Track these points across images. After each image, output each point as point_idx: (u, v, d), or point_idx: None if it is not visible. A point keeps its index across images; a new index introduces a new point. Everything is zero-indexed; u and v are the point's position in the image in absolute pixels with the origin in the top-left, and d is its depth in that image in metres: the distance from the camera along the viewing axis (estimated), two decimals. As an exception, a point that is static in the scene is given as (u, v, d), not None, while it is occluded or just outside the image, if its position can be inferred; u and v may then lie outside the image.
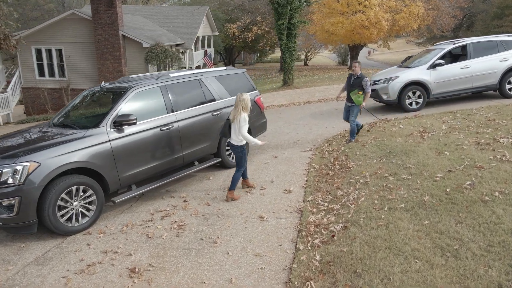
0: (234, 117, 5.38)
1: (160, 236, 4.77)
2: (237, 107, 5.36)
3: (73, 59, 21.00)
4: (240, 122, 5.34)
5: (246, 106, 5.36)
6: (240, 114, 5.33)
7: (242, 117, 5.33)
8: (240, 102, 5.34)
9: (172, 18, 28.16)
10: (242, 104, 5.33)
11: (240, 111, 5.33)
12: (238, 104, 5.35)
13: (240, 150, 5.51)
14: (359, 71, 7.52)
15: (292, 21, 19.61)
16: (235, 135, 5.47)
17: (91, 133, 5.07)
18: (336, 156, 7.03)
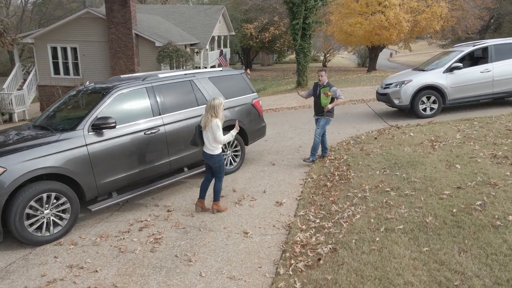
0: (205, 124, 4.92)
1: (133, 250, 4.39)
2: (207, 113, 4.90)
3: (87, 58, 21.07)
4: (213, 129, 4.84)
5: (217, 114, 4.87)
6: (211, 121, 4.88)
7: (213, 124, 4.83)
8: (210, 109, 4.87)
9: (188, 18, 28.02)
10: (213, 112, 4.86)
11: (211, 118, 4.89)
12: (209, 111, 4.88)
13: (217, 160, 5.03)
14: (326, 80, 6.66)
15: (307, 21, 19.08)
16: (209, 143, 4.98)
17: (66, 136, 4.75)
18: (337, 166, 6.51)
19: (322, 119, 6.71)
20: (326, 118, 6.71)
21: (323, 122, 6.70)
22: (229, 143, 6.62)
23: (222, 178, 5.16)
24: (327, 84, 6.58)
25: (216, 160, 5.03)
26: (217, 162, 5.03)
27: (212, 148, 4.97)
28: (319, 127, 6.69)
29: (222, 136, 4.91)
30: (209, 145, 4.97)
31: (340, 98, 6.67)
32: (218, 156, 5.03)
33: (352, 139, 8.02)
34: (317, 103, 6.70)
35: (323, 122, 6.70)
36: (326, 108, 6.54)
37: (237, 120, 5.58)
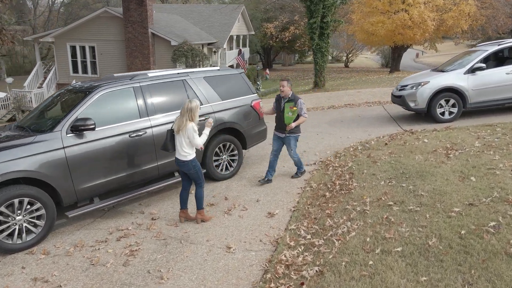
0: (179, 128, 4.52)
1: (105, 263, 4.07)
2: (182, 117, 4.51)
3: (104, 57, 21.20)
4: (189, 133, 4.45)
5: (193, 117, 4.49)
6: (186, 124, 4.48)
7: (189, 127, 4.44)
8: (186, 112, 4.48)
9: (206, 17, 27.87)
10: (189, 115, 4.47)
11: (186, 121, 4.49)
12: (185, 114, 4.49)
13: (191, 165, 4.62)
14: (289, 91, 5.61)
15: (325, 19, 18.47)
16: (181, 148, 4.57)
17: (41, 138, 4.48)
18: (340, 174, 6.01)
19: (291, 139, 5.81)
20: (294, 136, 5.83)
21: (293, 142, 5.84)
22: (225, 147, 6.23)
23: (203, 184, 4.76)
24: (292, 97, 5.61)
25: (191, 166, 4.62)
26: (192, 168, 4.63)
27: (184, 153, 4.57)
28: (292, 147, 5.84)
29: (199, 139, 4.55)
30: (182, 151, 4.57)
31: (303, 116, 5.66)
32: (192, 161, 4.62)
33: (361, 145, 7.47)
34: (281, 119, 5.76)
35: (293, 142, 5.83)
36: (289, 127, 5.60)
37: (209, 118, 5.15)
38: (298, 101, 5.56)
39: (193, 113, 4.45)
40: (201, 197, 4.75)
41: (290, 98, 5.61)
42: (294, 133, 5.81)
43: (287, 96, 5.64)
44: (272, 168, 5.96)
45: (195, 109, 4.46)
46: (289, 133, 5.76)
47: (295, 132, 5.80)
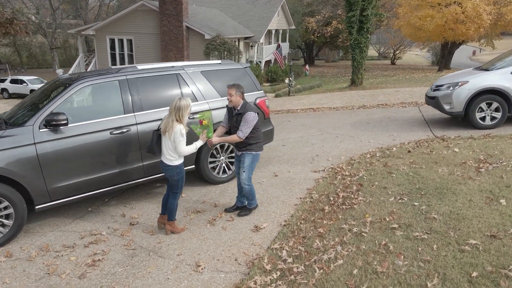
0: (165, 129, 4.05)
1: (61, 273, 3.71)
2: (170, 116, 4.01)
3: (141, 49, 21.45)
4: (175, 137, 3.96)
5: (181, 118, 3.97)
6: (173, 126, 3.97)
7: (176, 130, 3.94)
8: (174, 111, 3.97)
9: (245, 11, 27.45)
10: (177, 115, 3.96)
11: (173, 122, 3.98)
12: (172, 113, 3.99)
13: (175, 172, 4.14)
14: (239, 101, 4.30)
15: (364, 13, 17.37)
16: (167, 152, 4.10)
17: (11, 133, 4.21)
18: (347, 184, 5.28)
19: (244, 157, 4.47)
20: (250, 154, 4.47)
21: (248, 162, 4.45)
22: (223, 148, 5.72)
23: (178, 194, 4.27)
24: (242, 109, 4.29)
25: (175, 173, 4.14)
26: (175, 174, 4.15)
27: (170, 158, 4.10)
28: (245, 169, 4.45)
29: (185, 147, 4.04)
30: (168, 154, 4.11)
31: (238, 134, 4.28)
32: (178, 167, 4.15)
33: (380, 151, 6.64)
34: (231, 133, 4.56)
35: (248, 161, 4.45)
36: (210, 142, 4.34)
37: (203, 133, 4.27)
38: (246, 114, 4.22)
39: (181, 113, 3.94)
40: (174, 208, 4.27)
41: (238, 111, 4.31)
42: (251, 150, 4.42)
43: (237, 106, 4.36)
44: (241, 193, 4.77)
45: (184, 109, 3.95)
46: (245, 149, 4.45)
47: (252, 148, 4.42)
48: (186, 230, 4.44)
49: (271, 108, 13.52)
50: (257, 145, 4.50)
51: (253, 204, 4.75)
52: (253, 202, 4.74)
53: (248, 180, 4.53)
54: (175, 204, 4.25)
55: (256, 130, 4.40)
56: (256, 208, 4.80)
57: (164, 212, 4.44)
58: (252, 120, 4.27)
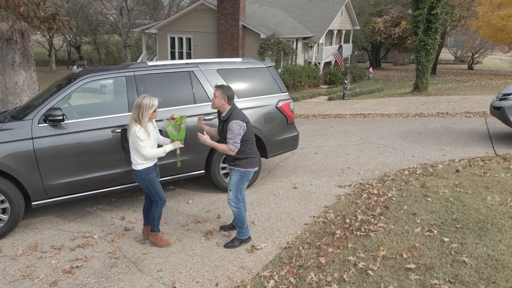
0: (128, 128, 3.63)
1: (34, 277, 3.52)
2: (131, 115, 3.60)
3: (199, 48, 21.77)
4: (132, 139, 3.54)
5: (141, 119, 3.51)
6: (131, 127, 3.55)
7: (132, 132, 3.52)
8: (134, 110, 3.55)
9: (307, 10, 26.70)
10: (136, 114, 3.53)
11: (132, 122, 3.57)
12: (133, 112, 3.57)
13: (140, 177, 3.68)
14: (223, 105, 3.65)
15: (433, 11, 15.80)
16: (131, 155, 3.65)
17: (9, 126, 4.14)
18: (371, 205, 4.53)
19: (231, 173, 3.83)
20: (238, 171, 3.77)
21: (235, 180, 3.79)
22: (237, 154, 5.24)
23: (160, 202, 3.82)
24: (227, 115, 3.64)
25: (139, 178, 3.68)
26: (141, 180, 3.69)
27: (133, 161, 3.66)
28: (231, 187, 3.80)
29: (147, 149, 3.56)
30: (132, 157, 3.67)
31: (229, 147, 3.61)
32: (143, 172, 3.66)
33: (422, 168, 5.71)
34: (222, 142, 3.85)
35: (235, 178, 3.79)
36: (175, 145, 3.76)
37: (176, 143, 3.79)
38: (232, 123, 3.57)
39: (141, 113, 3.51)
40: (155, 218, 3.87)
41: (223, 118, 3.68)
42: (238, 166, 3.74)
43: (221, 111, 3.70)
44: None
45: (145, 108, 3.51)
46: (232, 164, 3.79)
47: (240, 164, 3.73)
48: (178, 241, 4.06)
49: (318, 112, 12.78)
50: (247, 160, 3.73)
51: (244, 234, 3.91)
52: (243, 231, 3.90)
53: (236, 201, 3.80)
54: (157, 214, 3.86)
55: (245, 142, 3.71)
56: (248, 241, 3.95)
57: (145, 222, 4.10)
58: (236, 130, 3.55)
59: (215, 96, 3.64)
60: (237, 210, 3.82)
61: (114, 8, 40.88)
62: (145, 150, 3.54)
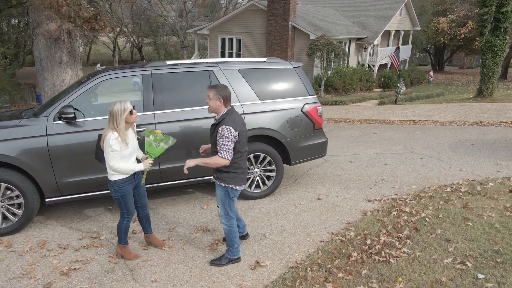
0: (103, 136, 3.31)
1: (32, 277, 3.47)
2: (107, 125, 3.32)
3: (248, 49, 21.72)
4: (105, 147, 3.26)
5: (115, 125, 3.21)
6: (105, 134, 3.26)
7: (106, 139, 3.22)
8: (108, 117, 3.26)
9: (362, 10, 25.61)
10: (111, 122, 3.24)
11: (107, 130, 3.28)
12: (108, 121, 3.28)
13: (113, 189, 3.40)
14: (219, 107, 3.28)
15: (502, 9, 14.30)
16: (106, 163, 3.36)
17: (26, 123, 4.18)
18: (399, 226, 3.98)
19: (216, 189, 3.44)
20: (222, 187, 3.38)
21: (220, 194, 3.40)
22: (257, 158, 4.94)
23: (126, 216, 3.53)
24: (220, 119, 3.27)
25: (112, 189, 3.41)
26: (113, 191, 3.40)
27: (108, 171, 3.38)
28: (218, 203, 3.45)
29: (116, 161, 3.25)
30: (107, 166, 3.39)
31: (219, 155, 3.21)
32: (115, 184, 3.36)
33: (469, 185, 4.98)
34: (213, 151, 3.43)
35: (220, 194, 3.40)
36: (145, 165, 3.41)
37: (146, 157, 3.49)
38: (221, 128, 3.18)
39: (114, 121, 3.20)
40: (121, 231, 3.59)
41: (216, 121, 3.31)
42: (220, 180, 3.35)
43: (217, 114, 3.33)
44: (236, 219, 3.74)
45: (118, 115, 3.20)
46: (215, 177, 3.40)
47: (222, 178, 3.33)
48: (181, 250, 3.84)
49: (365, 117, 12.05)
50: (229, 175, 3.30)
51: (233, 254, 3.51)
52: (233, 250, 3.50)
53: (227, 218, 3.43)
54: (123, 227, 3.58)
55: (233, 155, 3.27)
56: (237, 262, 3.56)
57: (144, 230, 3.91)
58: (225, 135, 3.15)
59: (209, 98, 3.29)
60: (227, 228, 3.47)
61: (174, 10, 42.40)
62: (113, 161, 3.24)
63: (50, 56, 7.95)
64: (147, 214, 3.82)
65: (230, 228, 3.45)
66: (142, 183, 3.58)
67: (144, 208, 3.76)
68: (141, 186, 3.66)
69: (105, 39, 42.63)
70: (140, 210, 3.74)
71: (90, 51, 43.21)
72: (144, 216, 3.79)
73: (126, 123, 3.33)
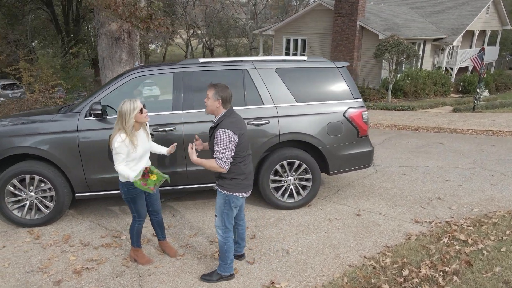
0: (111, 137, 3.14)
1: (46, 272, 3.47)
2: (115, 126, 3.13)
3: (313, 50, 21.13)
4: (112, 149, 3.08)
5: (123, 126, 3.04)
6: (113, 134, 3.08)
7: (113, 142, 3.04)
8: (117, 118, 3.08)
9: (442, 8, 23.56)
10: (120, 122, 3.06)
11: (115, 131, 3.09)
12: (116, 122, 3.11)
13: (122, 190, 3.24)
14: (218, 108, 2.98)
15: None
16: None
17: (60, 118, 4.24)
18: (447, 258, 3.32)
19: (217, 196, 3.14)
20: (222, 194, 3.08)
21: (219, 202, 3.10)
22: (291, 166, 4.54)
23: (138, 219, 3.37)
24: (217, 122, 2.99)
25: (122, 191, 3.26)
26: (123, 193, 3.25)
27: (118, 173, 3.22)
28: (216, 212, 3.15)
29: (119, 163, 3.08)
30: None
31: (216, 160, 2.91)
32: (126, 186, 3.22)
33: (548, 213, 4.07)
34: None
35: (219, 201, 3.10)
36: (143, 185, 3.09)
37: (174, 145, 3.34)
38: (219, 132, 2.88)
39: (124, 120, 3.04)
40: (132, 234, 3.44)
41: (214, 124, 3.03)
42: (221, 187, 3.07)
43: (215, 116, 3.04)
44: (239, 238, 3.46)
45: (126, 114, 3.03)
46: (216, 184, 3.14)
47: (223, 185, 3.06)
48: (196, 260, 3.59)
49: (434, 124, 10.91)
50: (231, 182, 3.02)
51: (225, 270, 3.20)
52: (226, 266, 3.19)
53: (224, 230, 3.12)
54: (134, 230, 3.42)
55: (234, 159, 2.99)
56: (230, 279, 3.24)
57: (158, 237, 3.72)
58: (224, 140, 2.86)
59: (207, 98, 3.01)
60: (222, 241, 3.14)
61: (244, 12, 43.09)
62: (116, 162, 3.08)
63: (111, 55, 8.26)
64: (160, 220, 3.63)
65: (225, 241, 3.13)
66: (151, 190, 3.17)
67: (156, 213, 3.58)
68: None
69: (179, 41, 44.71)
70: (152, 214, 3.57)
71: (166, 52, 45.56)
72: (157, 222, 3.61)
73: (136, 122, 3.17)
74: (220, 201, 3.11)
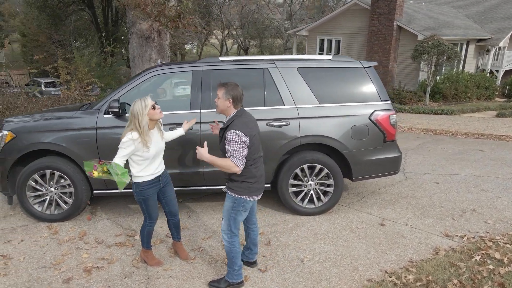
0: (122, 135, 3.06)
1: (58, 268, 3.47)
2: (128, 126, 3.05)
3: (347, 50, 20.60)
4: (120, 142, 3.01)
5: (137, 126, 2.96)
6: (125, 132, 2.99)
7: (124, 135, 2.98)
8: (130, 118, 3.00)
9: (487, 7, 22.29)
10: (133, 122, 2.98)
11: (127, 129, 3.00)
12: (129, 122, 3.03)
13: (135, 191, 3.15)
14: (228, 108, 2.85)
15: None
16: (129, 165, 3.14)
17: (80, 115, 4.27)
18: (478, 279, 2.99)
19: (226, 198, 3.00)
20: (232, 197, 2.94)
21: (228, 205, 2.96)
22: (312, 170, 4.33)
23: (149, 221, 3.28)
24: (228, 123, 2.85)
25: (134, 191, 3.17)
26: (135, 194, 3.17)
27: (131, 172, 3.15)
28: (223, 215, 3.02)
29: (119, 156, 2.99)
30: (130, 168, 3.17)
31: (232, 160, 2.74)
32: (139, 186, 3.14)
33: None
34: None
35: (227, 204, 2.97)
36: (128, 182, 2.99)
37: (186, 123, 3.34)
38: (229, 133, 2.76)
39: (137, 120, 2.96)
40: (143, 235, 3.37)
41: (224, 125, 2.89)
42: (231, 190, 2.94)
43: (226, 116, 2.93)
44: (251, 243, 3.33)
45: (139, 113, 2.95)
46: (226, 186, 3.01)
47: (233, 188, 2.93)
48: (207, 265, 3.48)
49: (474, 130, 10.25)
50: (242, 185, 2.89)
51: (234, 277, 3.06)
52: (234, 273, 3.05)
53: (229, 234, 2.99)
54: (145, 232, 3.35)
55: (246, 161, 2.85)
56: (239, 287, 3.10)
57: (174, 238, 3.61)
58: (234, 140, 2.74)
59: (218, 97, 2.88)
60: (228, 246, 3.00)
61: (280, 13, 42.91)
62: (119, 154, 2.98)
63: (141, 54, 8.36)
64: (177, 221, 3.53)
65: (231, 246, 2.99)
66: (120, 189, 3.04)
67: (174, 215, 3.48)
68: (168, 191, 3.40)
69: (215, 41, 45.22)
70: (169, 216, 3.48)
71: (201, 52, 46.31)
72: (173, 223, 3.52)
73: (151, 120, 3.08)
74: (228, 204, 2.98)
